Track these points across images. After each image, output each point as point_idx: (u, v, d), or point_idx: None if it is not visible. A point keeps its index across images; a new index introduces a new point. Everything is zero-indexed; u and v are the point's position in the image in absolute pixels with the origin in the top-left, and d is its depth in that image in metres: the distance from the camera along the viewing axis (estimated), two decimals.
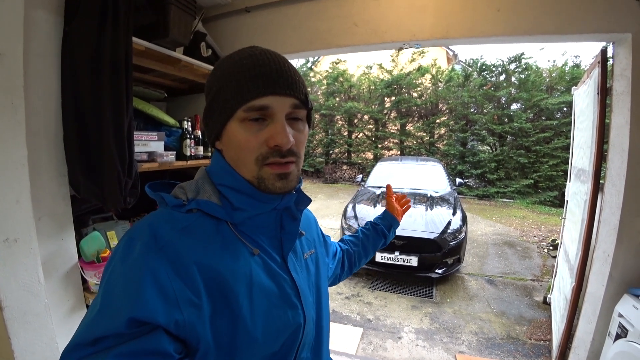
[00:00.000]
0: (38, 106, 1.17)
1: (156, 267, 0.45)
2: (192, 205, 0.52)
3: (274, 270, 0.56)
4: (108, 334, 0.42)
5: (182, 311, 0.44)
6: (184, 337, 0.45)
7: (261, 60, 0.52)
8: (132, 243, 0.47)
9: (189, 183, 0.57)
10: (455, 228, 3.72)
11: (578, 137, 2.60)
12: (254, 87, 0.51)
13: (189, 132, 1.84)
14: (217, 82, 0.54)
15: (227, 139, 0.54)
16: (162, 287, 0.44)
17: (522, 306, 3.26)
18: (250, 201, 0.55)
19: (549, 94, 8.61)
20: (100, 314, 0.44)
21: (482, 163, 9.04)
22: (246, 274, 0.51)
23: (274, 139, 0.51)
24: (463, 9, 1.70)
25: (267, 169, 0.53)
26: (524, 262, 4.46)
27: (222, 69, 0.55)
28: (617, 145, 1.62)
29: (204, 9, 2.08)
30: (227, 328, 0.48)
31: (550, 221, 6.47)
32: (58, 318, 1.25)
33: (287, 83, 0.52)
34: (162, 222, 0.50)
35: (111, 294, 0.45)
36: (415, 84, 10.16)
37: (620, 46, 1.58)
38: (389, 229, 1.03)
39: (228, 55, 0.57)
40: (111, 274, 0.47)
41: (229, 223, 0.54)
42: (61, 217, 1.29)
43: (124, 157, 1.30)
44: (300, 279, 0.60)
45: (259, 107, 0.51)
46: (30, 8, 1.10)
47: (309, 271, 0.66)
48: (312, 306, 0.62)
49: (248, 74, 0.51)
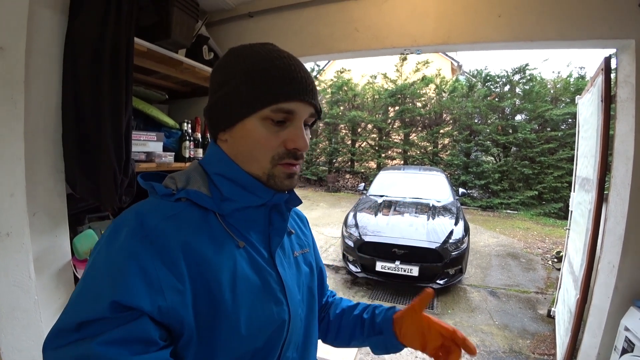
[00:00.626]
0: (38, 101, 1.18)
1: (141, 252, 0.45)
2: (181, 194, 0.53)
3: (259, 264, 0.55)
4: (91, 318, 0.41)
5: (165, 297, 0.44)
6: (168, 323, 0.45)
7: (289, 62, 0.54)
8: (118, 229, 0.48)
9: (180, 173, 0.57)
10: (457, 238, 3.67)
11: (582, 146, 2.57)
12: (287, 91, 0.52)
13: (188, 134, 1.85)
14: (240, 74, 0.53)
15: (242, 132, 0.54)
16: (145, 273, 0.44)
17: (526, 319, 3.18)
18: (242, 192, 0.55)
19: (553, 105, 8.60)
20: (83, 297, 0.44)
21: (486, 174, 8.98)
22: (230, 265, 0.51)
23: (294, 142, 0.54)
24: (464, 14, 1.70)
25: (280, 167, 0.55)
26: (527, 274, 4.37)
27: (247, 61, 0.54)
28: (622, 153, 1.58)
29: (208, 13, 2.10)
30: (207, 316, 0.47)
31: (554, 233, 6.38)
32: (48, 316, 1.23)
33: (313, 92, 0.55)
34: (149, 209, 0.51)
35: (95, 278, 0.45)
36: (419, 93, 10.20)
37: (623, 53, 1.57)
38: (375, 333, 0.69)
39: (247, 46, 0.57)
40: (95, 258, 0.47)
41: (217, 214, 0.54)
42: (56, 214, 1.28)
43: (121, 155, 1.30)
44: (287, 275, 0.59)
45: (287, 111, 0.53)
46: (35, 4, 1.11)
47: (300, 269, 0.65)
48: (299, 304, 0.61)
49: (281, 75, 0.52)
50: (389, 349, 0.69)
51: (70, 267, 1.33)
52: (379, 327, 0.69)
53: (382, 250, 3.66)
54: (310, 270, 0.69)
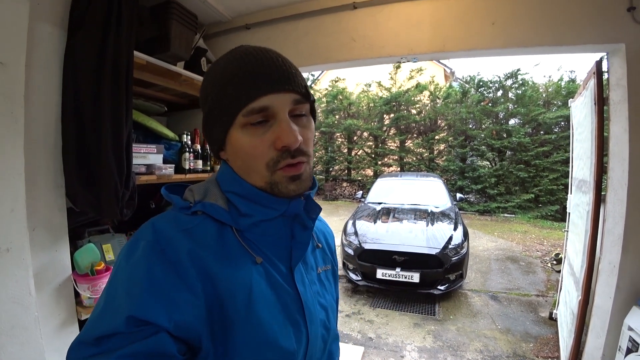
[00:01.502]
0: (38, 116, 1.18)
1: (157, 267, 0.44)
2: (198, 207, 0.51)
3: (277, 281, 0.53)
4: (108, 333, 0.41)
5: (182, 311, 0.44)
6: (186, 337, 0.44)
7: (253, 58, 0.49)
8: (136, 243, 0.47)
9: (199, 186, 0.56)
10: (456, 243, 3.67)
11: (577, 148, 2.60)
12: (250, 89, 0.48)
13: (188, 146, 1.85)
14: (210, 90, 0.52)
15: (232, 148, 0.52)
16: (162, 288, 0.44)
17: (528, 322, 3.16)
18: (256, 207, 0.53)
19: (546, 109, 8.73)
20: (102, 312, 0.44)
21: (482, 178, 9.04)
22: (246, 282, 0.49)
23: (281, 140, 0.48)
24: (459, 23, 1.74)
25: (280, 172, 0.51)
26: (527, 278, 4.37)
27: (213, 75, 0.52)
28: (617, 154, 1.61)
29: (205, 26, 2.13)
30: (221, 333, 0.46)
31: (552, 235, 6.40)
32: (48, 332, 1.21)
33: (284, 78, 0.49)
34: (166, 223, 0.50)
35: (113, 293, 0.45)
36: (413, 101, 10.31)
37: (614, 56, 1.61)
38: None
39: (218, 58, 0.54)
40: (115, 273, 0.47)
41: (234, 229, 0.52)
42: (56, 228, 1.27)
43: (122, 168, 1.30)
44: (308, 293, 0.56)
45: (259, 109, 0.48)
46: (35, 20, 1.12)
47: (324, 286, 0.62)
48: (319, 324, 0.57)
49: (241, 75, 0.48)
50: None
51: (71, 282, 1.32)
52: None
53: (382, 258, 3.65)
54: (331, 288, 0.66)
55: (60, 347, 1.25)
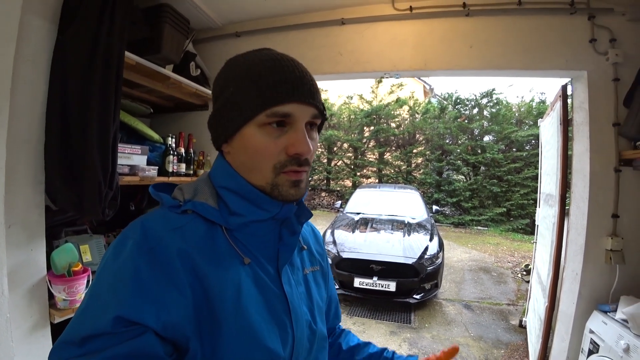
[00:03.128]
0: (22, 111, 1.15)
1: (144, 266, 0.44)
2: (188, 206, 0.51)
3: (264, 282, 0.53)
4: (95, 333, 0.40)
5: (169, 312, 0.43)
6: (173, 338, 0.44)
7: (285, 65, 0.51)
8: (124, 241, 0.47)
9: (188, 184, 0.56)
10: (432, 254, 3.78)
11: (545, 165, 2.78)
12: (280, 93, 0.49)
13: (172, 149, 1.84)
14: (233, 82, 0.52)
15: (241, 142, 0.52)
16: (149, 288, 0.43)
17: (499, 330, 3.29)
18: (248, 206, 0.53)
19: (518, 127, 9.20)
20: (87, 311, 0.43)
21: (457, 192, 9.34)
22: (235, 282, 0.49)
23: (294, 147, 0.50)
24: (440, 44, 1.85)
25: (284, 176, 0.52)
26: (499, 287, 4.54)
27: (239, 68, 0.52)
28: (579, 171, 1.75)
29: (195, 30, 2.14)
30: (209, 333, 0.46)
31: (522, 247, 6.69)
32: (19, 335, 1.16)
33: (311, 92, 0.52)
34: (155, 221, 0.49)
35: (99, 292, 0.44)
36: (393, 114, 10.58)
37: (577, 82, 1.76)
38: None
39: (242, 54, 0.55)
40: (101, 271, 0.46)
41: (224, 228, 0.52)
42: (33, 227, 1.23)
43: (107, 167, 1.28)
44: (294, 294, 0.57)
45: (283, 114, 0.50)
46: (26, 13, 1.11)
47: (309, 288, 0.63)
48: (305, 324, 0.57)
49: (273, 77, 0.49)
50: None
51: (45, 283, 1.27)
52: None
53: (360, 267, 3.69)
54: (319, 289, 0.66)
55: (30, 351, 1.20)
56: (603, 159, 1.65)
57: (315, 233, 0.75)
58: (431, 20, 1.87)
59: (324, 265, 0.72)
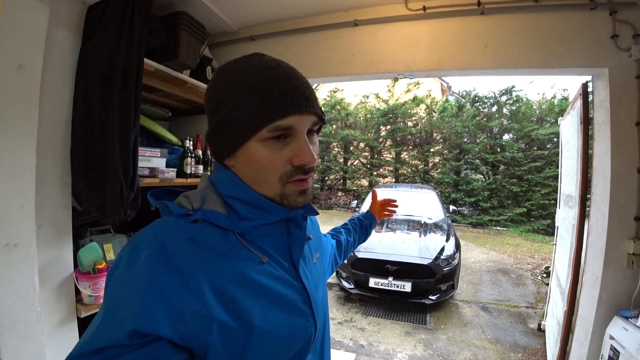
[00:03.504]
0: (49, 117, 1.23)
1: (161, 277, 0.44)
2: (198, 215, 0.51)
3: (284, 278, 0.55)
4: (111, 345, 0.41)
5: (187, 323, 0.43)
6: (190, 346, 0.44)
7: (282, 75, 0.51)
8: (138, 251, 0.46)
9: (194, 192, 0.56)
10: (448, 254, 3.73)
11: (565, 165, 2.70)
12: (280, 107, 0.49)
13: (190, 151, 1.90)
14: (230, 96, 0.51)
15: (245, 157, 0.52)
16: (167, 299, 0.43)
17: (517, 333, 3.22)
18: (257, 212, 0.54)
19: (539, 125, 8.92)
20: (104, 324, 0.43)
21: (476, 191, 9.16)
22: (256, 282, 0.50)
23: (299, 158, 0.51)
24: (454, 43, 1.83)
25: (291, 185, 0.53)
26: (517, 290, 4.43)
27: (234, 81, 0.52)
28: (600, 172, 1.69)
29: (211, 35, 2.20)
30: (238, 337, 0.46)
31: (543, 249, 6.50)
32: (49, 328, 1.24)
33: (309, 101, 0.52)
34: (167, 231, 0.49)
35: (114, 304, 0.44)
36: (410, 113, 10.47)
37: (598, 80, 1.70)
38: (369, 226, 1.18)
39: (234, 62, 0.54)
40: (115, 283, 0.46)
41: (236, 233, 0.53)
42: (61, 226, 1.31)
43: (128, 170, 1.34)
44: (311, 284, 0.59)
45: (285, 128, 0.50)
46: (52, 25, 1.18)
47: (319, 274, 0.67)
48: (322, 312, 0.61)
49: (271, 91, 0.49)
50: (372, 223, 1.20)
51: (72, 279, 1.35)
52: (369, 223, 1.19)
53: (375, 267, 3.69)
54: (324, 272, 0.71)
55: (59, 344, 1.28)
56: (625, 160, 1.59)
57: (312, 220, 0.78)
58: (445, 20, 1.85)
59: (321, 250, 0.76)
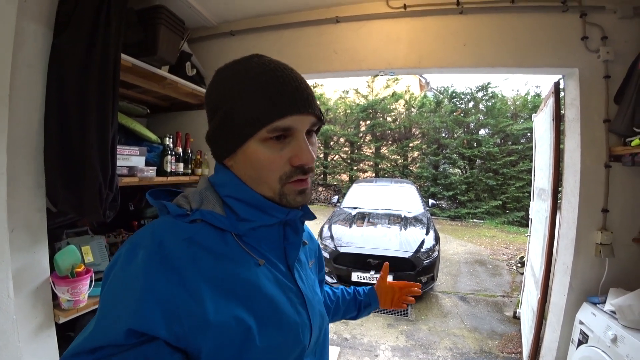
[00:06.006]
0: (21, 116, 1.17)
1: (158, 277, 0.44)
2: (196, 215, 0.51)
3: (280, 280, 0.55)
4: (106, 344, 0.41)
5: (182, 323, 0.44)
6: (185, 347, 0.45)
7: (281, 76, 0.51)
8: (135, 251, 0.46)
9: (193, 192, 0.56)
10: (428, 247, 3.83)
11: (539, 159, 2.82)
12: (279, 108, 0.49)
13: (170, 149, 1.86)
14: (230, 97, 0.52)
15: (245, 157, 0.53)
16: (163, 299, 0.43)
17: (494, 321, 3.36)
18: (257, 213, 0.54)
19: (513, 121, 9.25)
20: (100, 323, 0.44)
21: (454, 185, 9.41)
22: (254, 284, 0.51)
23: (299, 158, 0.51)
24: (434, 42, 1.87)
25: (290, 185, 0.53)
26: (494, 280, 4.62)
27: (234, 82, 0.52)
28: (571, 166, 1.79)
29: (190, 30, 2.14)
30: (234, 339, 0.46)
31: (518, 240, 6.79)
32: (25, 336, 1.19)
33: (308, 102, 0.52)
34: (165, 231, 0.49)
35: (111, 303, 0.45)
36: (389, 109, 10.58)
37: (569, 79, 1.79)
38: (366, 306, 0.93)
39: (233, 64, 0.55)
40: (112, 282, 0.46)
41: (234, 234, 0.53)
42: (35, 230, 1.25)
43: (107, 169, 1.30)
44: (307, 287, 0.60)
45: (284, 128, 0.50)
46: (22, 19, 1.11)
47: (315, 279, 0.67)
48: (318, 314, 0.61)
49: (270, 92, 0.50)
50: (371, 304, 0.93)
51: (49, 284, 1.30)
52: (367, 302, 0.93)
53: (357, 261, 3.74)
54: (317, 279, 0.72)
55: (36, 351, 1.23)
56: (594, 155, 1.69)
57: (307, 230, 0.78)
58: (425, 18, 1.88)
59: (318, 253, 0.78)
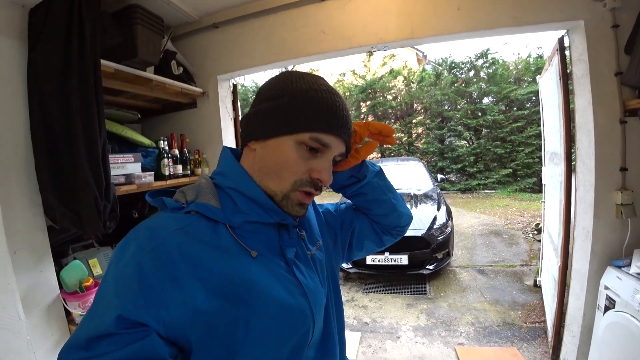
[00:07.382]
0: (5, 135, 1.14)
1: (146, 265, 0.45)
2: (191, 207, 0.53)
3: (277, 271, 0.55)
4: (100, 334, 0.42)
5: (170, 311, 0.44)
6: (175, 338, 0.45)
7: (339, 102, 0.56)
8: (128, 244, 0.48)
9: (189, 187, 0.57)
10: (441, 223, 3.78)
11: (547, 122, 2.71)
12: (330, 124, 0.54)
13: (166, 152, 1.82)
14: (290, 94, 0.55)
15: (274, 148, 0.55)
16: (151, 286, 0.44)
17: (514, 292, 3.32)
18: (255, 208, 0.55)
19: (517, 85, 8.97)
20: (93, 313, 0.46)
21: (461, 157, 9.26)
22: (244, 274, 0.51)
23: (320, 174, 0.55)
24: (425, 9, 1.76)
25: (298, 193, 0.56)
26: (511, 249, 4.56)
27: (299, 85, 0.56)
28: (583, 126, 1.69)
29: (173, 27, 2.07)
30: (225, 328, 0.47)
31: (532, 207, 6.68)
32: (42, 356, 1.19)
33: (349, 132, 0.59)
34: (158, 223, 0.50)
35: (103, 293, 0.47)
36: (388, 87, 10.37)
37: (574, 33, 1.67)
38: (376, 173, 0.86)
39: (301, 74, 0.59)
40: (105, 275, 0.48)
41: (227, 226, 0.54)
42: (38, 249, 1.24)
43: (100, 181, 1.27)
44: (308, 279, 0.60)
45: (323, 143, 0.55)
46: None
47: (317, 266, 0.65)
48: (321, 305, 0.61)
49: (326, 108, 0.54)
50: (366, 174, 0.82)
51: (60, 301, 1.29)
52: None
53: None
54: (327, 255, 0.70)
55: None
56: (607, 112, 1.59)
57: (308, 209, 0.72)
58: None
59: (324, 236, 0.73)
